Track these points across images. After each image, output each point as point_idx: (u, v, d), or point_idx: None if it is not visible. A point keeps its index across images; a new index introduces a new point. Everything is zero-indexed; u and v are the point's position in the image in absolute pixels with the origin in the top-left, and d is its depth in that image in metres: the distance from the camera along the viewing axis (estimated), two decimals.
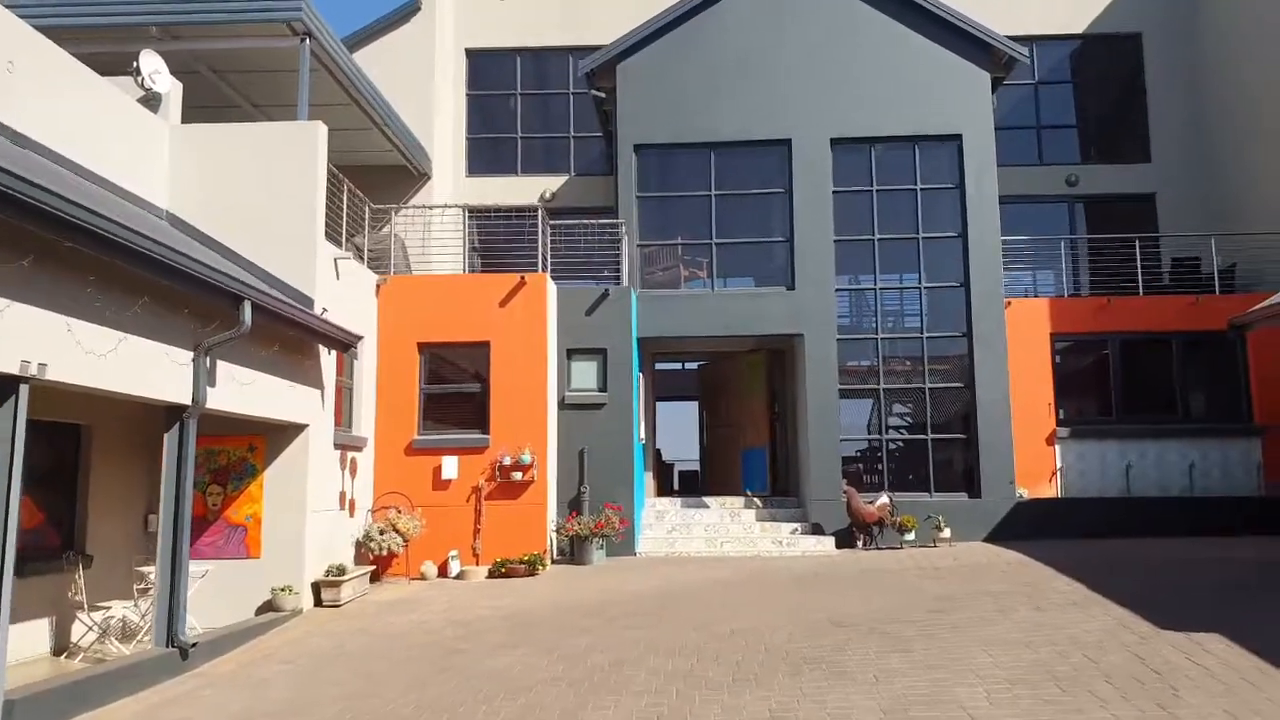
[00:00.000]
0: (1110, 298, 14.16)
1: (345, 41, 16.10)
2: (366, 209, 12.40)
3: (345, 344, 9.94)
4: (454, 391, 12.37)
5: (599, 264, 13.70)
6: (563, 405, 12.70)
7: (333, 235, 11.11)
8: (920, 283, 13.84)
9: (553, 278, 13.30)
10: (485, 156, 17.54)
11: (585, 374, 12.79)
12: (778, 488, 14.87)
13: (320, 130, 10.42)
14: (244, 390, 8.52)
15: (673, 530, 13.27)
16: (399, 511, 11.57)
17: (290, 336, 9.05)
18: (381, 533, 11.10)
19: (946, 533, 12.65)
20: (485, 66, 17.64)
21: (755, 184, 14.15)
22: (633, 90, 14.09)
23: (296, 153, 10.28)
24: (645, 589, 10.17)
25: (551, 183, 17.04)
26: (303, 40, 10.70)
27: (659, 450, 18.28)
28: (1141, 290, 14.32)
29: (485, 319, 12.13)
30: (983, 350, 13.40)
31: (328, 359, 10.40)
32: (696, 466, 18.02)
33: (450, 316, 12.19)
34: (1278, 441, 13.54)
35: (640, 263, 14.29)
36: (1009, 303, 13.93)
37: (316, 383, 10.10)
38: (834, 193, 13.86)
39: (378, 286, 12.21)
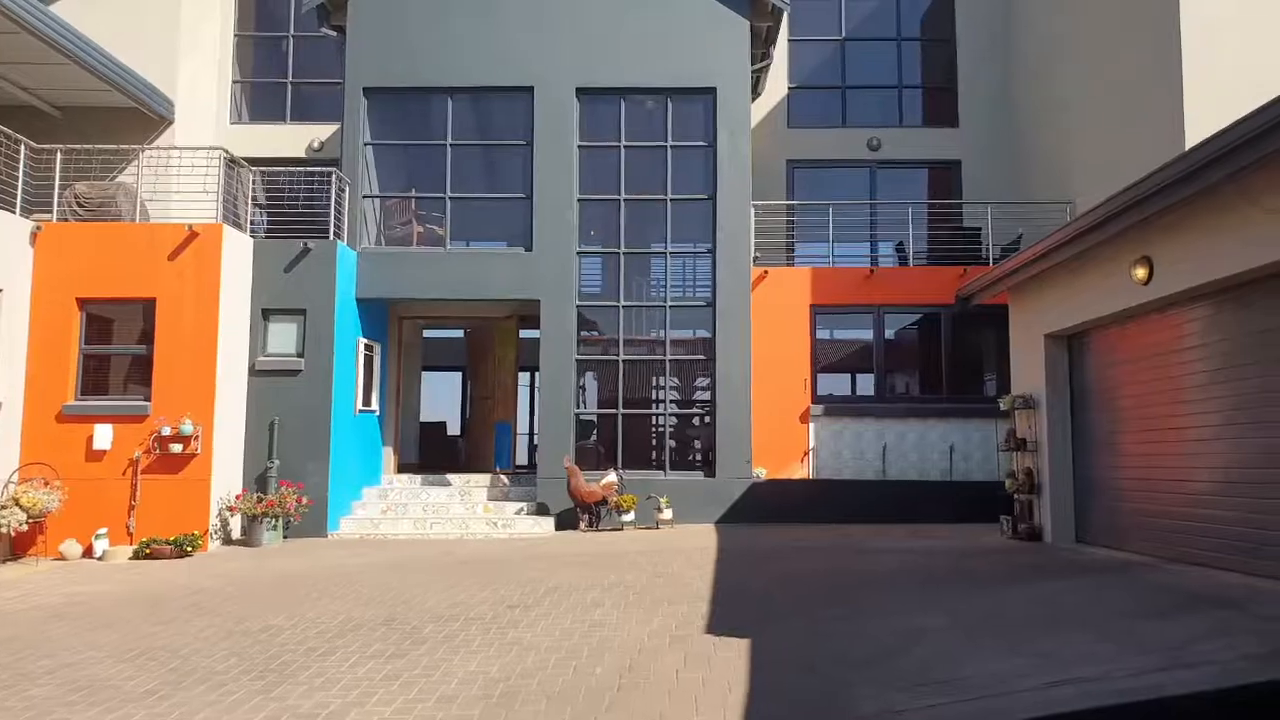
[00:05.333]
0: (873, 268, 13.27)
1: None
2: (23, 149, 11.10)
3: None
4: (117, 353, 11.22)
5: (325, 217, 12.53)
6: (254, 371, 11.59)
7: None
8: (667, 247, 12.84)
9: (274, 232, 12.14)
10: (255, 103, 16.22)
11: (283, 337, 11.67)
12: (529, 464, 13.94)
13: None
14: None
15: (387, 510, 12.28)
16: (46, 484, 10.45)
17: None
18: (3, 508, 9.98)
19: (668, 514, 11.78)
20: (259, 6, 16.26)
21: (496, 135, 13.04)
22: (365, 28, 12.85)
23: None
24: (273, 575, 9.17)
25: (322, 131, 15.76)
26: None
27: (443, 423, 17.31)
28: (911, 260, 13.46)
29: (153, 273, 10.93)
30: (726, 321, 12.46)
31: None
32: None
33: (115, 270, 10.98)
34: None
35: (381, 217, 13.19)
36: (766, 272, 13.00)
37: None
38: (579, 147, 12.78)
39: (33, 235, 10.97)
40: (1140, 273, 7.61)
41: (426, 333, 18.75)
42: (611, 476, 12.04)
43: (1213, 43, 10.23)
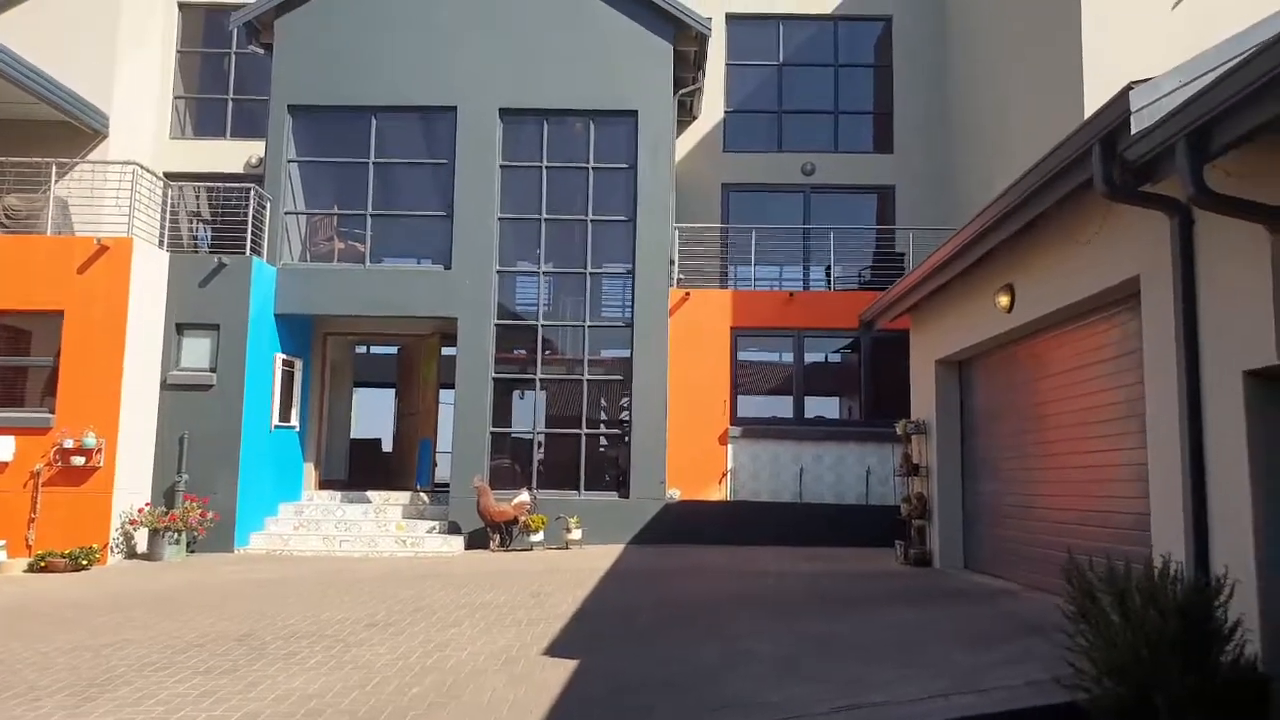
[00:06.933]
0: (793, 292, 13.37)
1: None
2: None
3: None
4: (23, 364, 11.25)
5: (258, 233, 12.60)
6: (166, 385, 11.62)
7: None
8: (587, 268, 12.93)
9: (218, 246, 12.25)
10: (199, 118, 16.36)
11: (197, 351, 11.71)
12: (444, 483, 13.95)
13: None
14: None
15: (300, 527, 12.27)
16: None
17: None
18: None
19: (576, 534, 11.79)
20: (203, 21, 16.44)
21: (419, 153, 13.17)
22: (291, 46, 13.00)
23: None
24: (156, 590, 9.15)
25: (260, 147, 15.85)
26: None
27: (378, 440, 17.31)
28: (834, 285, 13.57)
29: (62, 286, 10.98)
30: (643, 342, 12.54)
31: None
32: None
33: (24, 282, 11.02)
34: None
35: (307, 233, 13.29)
36: (688, 294, 13.10)
37: None
38: (501, 167, 12.91)
39: None
40: (1004, 301, 7.70)
41: (371, 350, 18.84)
42: (524, 496, 12.06)
43: (1110, 81, 10.40)
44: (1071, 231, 6.40)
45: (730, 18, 15.99)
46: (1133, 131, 4.60)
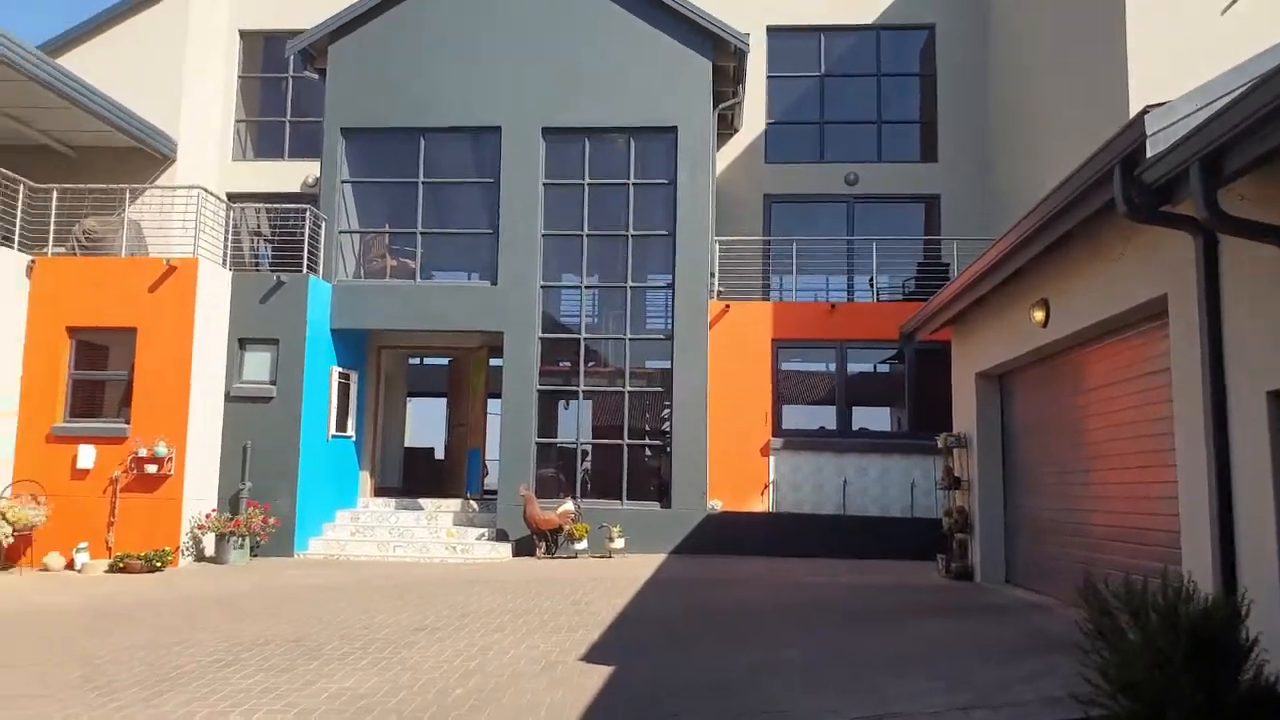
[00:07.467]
0: (834, 304, 13.42)
1: (94, 21, 15.83)
2: (22, 189, 12.00)
3: None
4: (102, 379, 11.99)
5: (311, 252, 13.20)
6: (230, 397, 12.24)
7: None
8: (627, 282, 13.20)
9: (279, 264, 12.91)
10: (259, 140, 17.13)
11: (258, 365, 12.32)
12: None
13: None
14: None
15: (356, 533, 12.78)
16: (35, 500, 11.20)
17: None
18: None
19: (619, 543, 12.03)
20: (262, 48, 17.22)
21: (466, 172, 13.62)
22: (344, 71, 13.58)
23: None
24: (221, 592, 9.70)
25: (316, 168, 16.53)
26: None
27: (431, 448, 17.82)
28: (878, 295, 13.59)
29: (135, 305, 11.68)
30: (683, 354, 12.75)
31: None
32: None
33: (101, 301, 11.76)
34: None
35: (360, 251, 13.85)
36: (728, 306, 13.26)
37: None
38: (545, 185, 13.27)
39: (29, 268, 11.82)
40: (1039, 315, 7.72)
41: (425, 361, 19.41)
42: (568, 505, 12.36)
43: (1156, 88, 10.28)
44: (1101, 248, 6.43)
45: (771, 30, 16.14)
46: (1148, 155, 4.67)
